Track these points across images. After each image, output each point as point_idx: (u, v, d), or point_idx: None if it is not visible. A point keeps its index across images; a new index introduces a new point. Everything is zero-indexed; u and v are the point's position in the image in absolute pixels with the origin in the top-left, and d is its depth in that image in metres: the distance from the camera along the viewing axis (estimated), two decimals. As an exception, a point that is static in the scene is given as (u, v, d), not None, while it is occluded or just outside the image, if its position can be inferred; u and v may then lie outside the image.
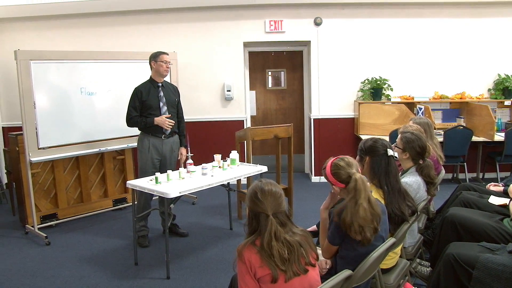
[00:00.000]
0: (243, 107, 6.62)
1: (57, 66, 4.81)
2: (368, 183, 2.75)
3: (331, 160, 2.40)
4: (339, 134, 6.59)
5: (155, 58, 4.23)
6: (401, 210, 2.61)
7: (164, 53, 4.25)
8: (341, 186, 2.32)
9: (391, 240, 2.30)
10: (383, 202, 2.57)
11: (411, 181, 2.99)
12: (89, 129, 5.09)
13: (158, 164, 4.33)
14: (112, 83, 5.26)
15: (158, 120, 4.19)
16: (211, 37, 6.47)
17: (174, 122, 4.25)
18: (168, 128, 4.23)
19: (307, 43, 6.72)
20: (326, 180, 2.42)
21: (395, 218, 2.59)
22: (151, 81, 4.32)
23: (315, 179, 6.72)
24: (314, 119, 6.60)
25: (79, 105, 5.00)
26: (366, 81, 6.39)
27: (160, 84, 4.31)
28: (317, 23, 6.39)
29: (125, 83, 5.29)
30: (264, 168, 4.31)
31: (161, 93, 4.29)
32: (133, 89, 4.28)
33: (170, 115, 4.28)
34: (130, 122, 4.26)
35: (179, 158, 4.47)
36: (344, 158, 2.37)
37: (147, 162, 4.28)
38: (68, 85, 4.90)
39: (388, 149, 2.71)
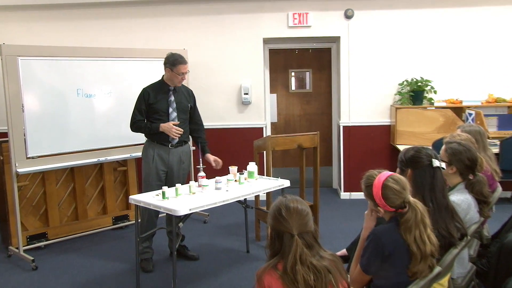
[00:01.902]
0: (262, 112, 6.61)
1: (49, 63, 4.82)
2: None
3: (380, 178, 2.33)
4: (373, 144, 6.53)
5: (171, 66, 4.21)
6: (449, 230, 2.54)
7: (183, 62, 4.23)
8: (390, 210, 2.30)
9: (437, 269, 2.26)
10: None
11: (460, 200, 2.89)
12: (87, 136, 5.10)
13: (163, 176, 4.32)
14: (113, 84, 5.28)
15: (164, 126, 4.19)
16: (226, 33, 6.48)
17: (182, 130, 4.24)
18: (174, 137, 4.22)
19: (336, 39, 6.68)
20: (361, 197, 2.40)
21: (441, 240, 2.51)
22: (162, 83, 4.34)
23: (344, 195, 6.64)
24: (343, 126, 6.55)
25: (75, 108, 5.01)
26: (405, 83, 6.32)
27: (171, 88, 4.32)
28: (348, 16, 6.36)
29: (128, 84, 5.31)
30: (286, 183, 4.28)
31: (172, 97, 4.31)
32: (141, 89, 4.31)
33: (178, 122, 4.28)
34: (134, 126, 4.30)
35: (214, 166, 4.46)
36: (395, 177, 2.33)
37: (151, 173, 4.29)
38: (62, 85, 4.92)
39: (433, 160, 2.64)
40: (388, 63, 6.42)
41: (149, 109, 4.26)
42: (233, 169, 4.30)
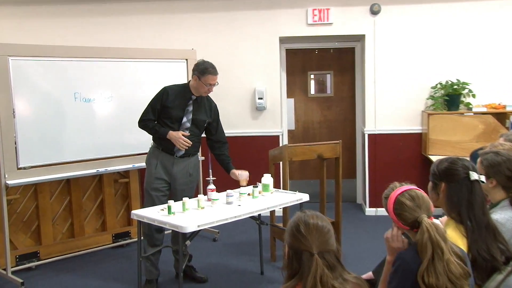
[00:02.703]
0: (278, 119, 6.61)
1: (44, 64, 4.84)
2: (444, 218, 2.58)
3: (397, 191, 2.34)
4: (402, 154, 6.48)
5: (200, 74, 4.23)
6: (491, 252, 2.47)
7: (213, 72, 4.25)
8: (405, 228, 2.30)
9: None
10: (464, 241, 2.47)
11: (504, 218, 2.81)
12: (85, 144, 5.11)
13: (165, 188, 4.32)
14: (115, 87, 5.29)
15: (172, 135, 4.20)
16: (238, 31, 6.50)
17: (190, 143, 4.24)
18: (181, 148, 4.22)
19: (360, 38, 6.67)
20: (387, 213, 2.35)
21: (482, 263, 2.45)
22: (185, 88, 4.36)
23: (370, 211, 6.61)
24: (368, 134, 6.53)
25: (73, 114, 5.02)
26: (439, 86, 6.27)
27: (194, 97, 4.34)
28: (374, 12, 6.34)
29: (131, 88, 5.32)
30: (305, 197, 4.29)
31: (191, 107, 4.32)
32: (162, 87, 4.36)
33: (189, 133, 4.28)
34: (142, 123, 4.35)
35: (241, 181, 4.37)
36: (412, 193, 2.31)
37: (151, 182, 4.31)
38: (58, 89, 4.94)
39: (470, 172, 2.59)
40: (420, 64, 6.36)
41: (163, 111, 4.28)
42: (243, 173, 4.33)
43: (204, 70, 4.22)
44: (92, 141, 5.15)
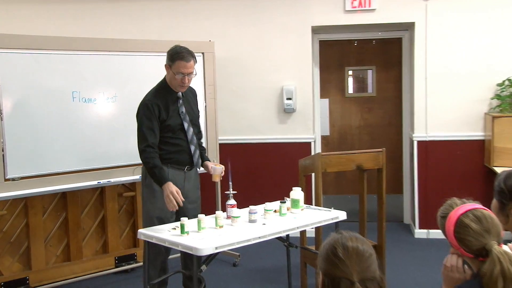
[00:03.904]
0: (310, 123, 6.61)
1: (37, 58, 4.86)
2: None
3: (458, 210, 2.27)
4: (459, 165, 6.40)
5: (170, 60, 4.14)
6: None
7: (185, 58, 4.10)
8: (468, 256, 2.23)
9: None
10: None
11: None
12: (84, 152, 5.13)
13: (175, 211, 4.25)
14: (119, 85, 5.32)
15: (168, 192, 4.02)
16: (263, 20, 6.52)
17: (181, 203, 4.10)
18: (170, 209, 4.08)
19: (409, 27, 6.64)
20: (443, 236, 2.29)
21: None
22: (166, 88, 4.26)
23: (420, 233, 6.56)
24: (418, 141, 6.49)
25: (70, 116, 5.04)
26: (507, 83, 6.20)
27: (180, 95, 4.30)
28: (426, -4, 6.35)
29: (137, 86, 5.28)
30: (342, 215, 4.29)
31: (183, 108, 4.30)
32: (142, 103, 4.19)
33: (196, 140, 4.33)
34: (145, 154, 4.15)
35: (214, 176, 4.38)
36: (478, 213, 2.23)
37: (156, 206, 4.21)
38: (54, 87, 4.96)
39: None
40: (482, 57, 6.29)
41: (161, 127, 4.22)
42: (217, 168, 4.32)
43: (173, 55, 4.09)
44: (93, 148, 5.17)
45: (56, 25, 6.45)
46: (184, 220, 3.70)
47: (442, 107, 6.37)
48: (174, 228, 3.81)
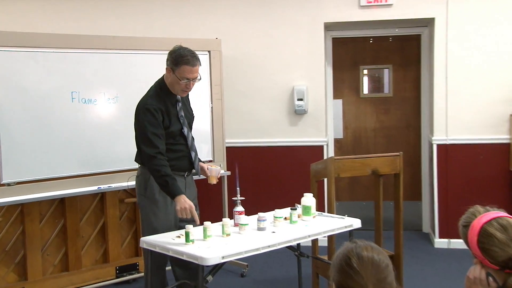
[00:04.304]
0: (322, 125, 6.62)
1: (34, 56, 4.87)
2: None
3: (482, 218, 2.24)
4: (482, 170, 6.39)
5: (174, 64, 4.06)
6: None
7: (191, 62, 4.04)
8: (493, 267, 2.19)
9: None
10: None
11: None
12: (84, 155, 5.14)
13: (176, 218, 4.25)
14: (121, 85, 5.32)
15: (186, 206, 3.98)
16: (273, 16, 6.53)
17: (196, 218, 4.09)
18: (181, 216, 4.04)
19: (428, 23, 6.64)
20: (465, 246, 2.26)
21: None
22: (165, 91, 4.20)
23: (440, 243, 6.54)
24: (438, 145, 6.48)
25: (69, 118, 5.05)
26: (534, 81, 6.21)
27: (179, 97, 4.26)
28: (447, -11, 6.34)
29: (140, 86, 5.21)
30: (356, 223, 4.28)
31: (182, 112, 4.28)
32: (143, 107, 4.12)
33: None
34: (154, 161, 4.05)
35: (210, 178, 4.36)
36: (504, 222, 2.20)
37: (161, 218, 4.19)
38: (52, 87, 4.97)
39: None
40: (507, 55, 6.27)
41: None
42: (214, 169, 4.29)
43: (178, 59, 4.01)
44: (93, 151, 5.18)
45: (54, 21, 6.47)
46: (189, 227, 3.67)
47: (463, 108, 6.35)
48: (179, 236, 3.79)
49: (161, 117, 4.07)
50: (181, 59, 4.00)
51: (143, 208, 4.29)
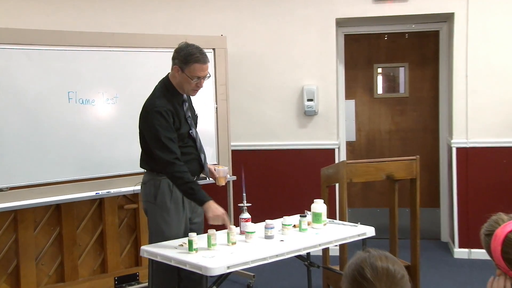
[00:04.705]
0: (334, 127, 6.63)
1: (29, 54, 4.88)
2: None
3: (506, 227, 2.25)
4: (505, 175, 6.37)
5: (183, 63, 4.05)
6: None
7: (201, 60, 4.05)
8: None
9: None
10: None
11: None
12: (81, 159, 5.14)
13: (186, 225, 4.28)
14: (121, 85, 5.33)
15: (220, 213, 3.98)
16: (281, 12, 6.54)
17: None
18: (212, 222, 4.04)
19: (447, 18, 6.64)
20: (487, 256, 2.28)
21: None
22: (172, 91, 4.20)
23: (460, 252, 6.51)
24: (457, 148, 6.46)
25: (66, 120, 5.05)
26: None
27: (185, 97, 4.28)
28: (467, -18, 6.35)
29: (141, 86, 5.30)
30: (370, 231, 4.30)
31: (189, 113, 4.30)
32: (152, 110, 4.09)
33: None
34: (173, 167, 4.02)
35: (218, 179, 4.35)
36: None
37: (172, 226, 4.18)
38: (47, 87, 4.97)
39: None
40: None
41: None
42: (221, 170, 4.29)
43: (187, 57, 4.00)
44: (91, 155, 5.18)
45: (50, 17, 6.50)
46: (193, 235, 3.69)
47: (485, 109, 6.34)
48: (182, 245, 3.80)
49: (172, 119, 4.06)
50: (191, 57, 3.99)
51: (152, 216, 4.26)
